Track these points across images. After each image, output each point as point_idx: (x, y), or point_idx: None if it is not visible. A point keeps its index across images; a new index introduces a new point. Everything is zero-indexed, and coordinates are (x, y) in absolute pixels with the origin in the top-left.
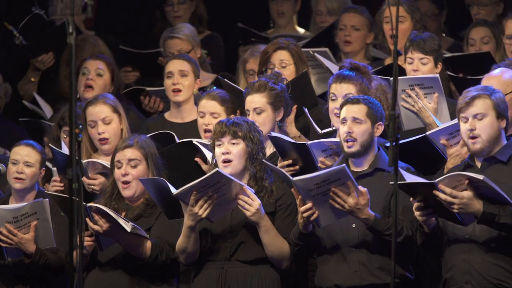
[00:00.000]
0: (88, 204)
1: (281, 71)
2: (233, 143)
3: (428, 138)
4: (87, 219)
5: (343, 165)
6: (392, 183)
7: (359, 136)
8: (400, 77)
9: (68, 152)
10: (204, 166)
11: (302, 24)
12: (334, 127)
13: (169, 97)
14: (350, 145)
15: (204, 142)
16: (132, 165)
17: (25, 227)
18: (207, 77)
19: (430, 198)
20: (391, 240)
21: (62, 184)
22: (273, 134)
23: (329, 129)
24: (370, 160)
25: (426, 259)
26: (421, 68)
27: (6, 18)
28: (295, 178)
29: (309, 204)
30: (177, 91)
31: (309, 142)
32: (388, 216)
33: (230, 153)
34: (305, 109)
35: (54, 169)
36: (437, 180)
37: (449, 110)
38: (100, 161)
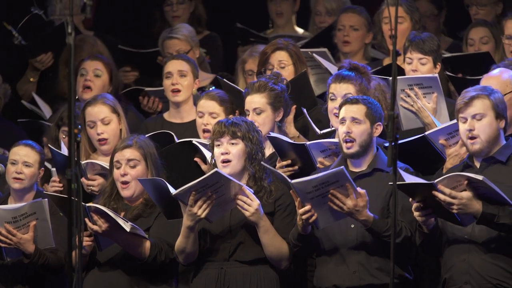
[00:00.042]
0: (87, 204)
1: (280, 72)
2: (232, 143)
3: (427, 138)
4: (86, 219)
5: (342, 167)
6: (391, 183)
7: (358, 136)
8: (399, 77)
9: (67, 153)
10: (204, 166)
11: (301, 24)
12: (333, 128)
13: (168, 97)
14: (349, 146)
15: (204, 142)
16: (131, 165)
17: (24, 227)
18: (206, 77)
19: (429, 199)
20: (390, 241)
21: (61, 185)
22: (272, 134)
23: (328, 130)
24: (369, 160)
25: (425, 260)
26: (420, 68)
27: (5, 18)
28: (294, 181)
29: (307, 207)
30: (176, 91)
31: (308, 143)
32: (387, 217)
33: (229, 153)
34: (304, 110)
35: (53, 169)
36: (436, 180)
37: (448, 110)
38: (99, 162)
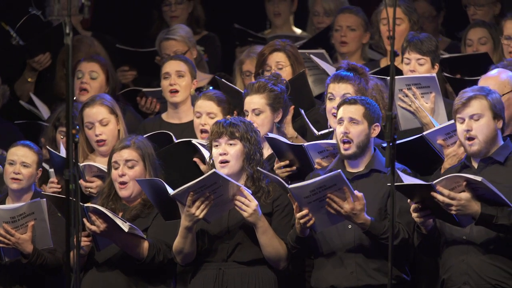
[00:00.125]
0: (85, 205)
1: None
2: (230, 144)
3: (425, 138)
4: (84, 220)
5: (339, 170)
6: (389, 184)
7: (356, 137)
8: (397, 77)
9: (65, 153)
10: (203, 166)
11: (299, 25)
12: (331, 129)
13: (166, 97)
14: (346, 147)
15: (203, 142)
16: (129, 165)
17: (22, 227)
18: (203, 78)
19: (427, 200)
20: (387, 244)
21: (59, 186)
22: (270, 135)
23: (325, 131)
24: (366, 161)
25: (423, 260)
26: (418, 68)
27: (3, 18)
28: (291, 186)
29: (305, 211)
30: (174, 92)
31: (306, 144)
32: (384, 218)
33: (227, 154)
34: (302, 111)
35: (51, 170)
36: (435, 181)
37: (446, 110)
38: (96, 164)
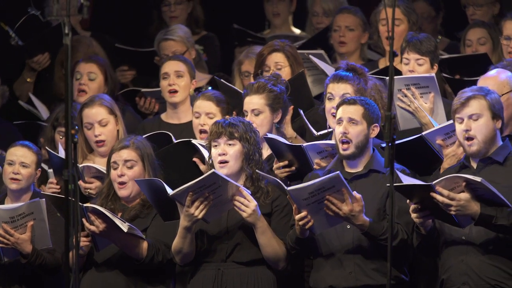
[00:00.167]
0: (84, 205)
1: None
2: (230, 144)
3: (424, 138)
4: (84, 220)
5: (337, 172)
6: (388, 184)
7: (354, 137)
8: (396, 77)
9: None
10: (202, 166)
11: (298, 25)
12: (329, 129)
13: (166, 98)
14: (345, 147)
15: (202, 142)
16: (128, 166)
17: (21, 227)
18: (202, 78)
19: (427, 200)
20: (386, 245)
21: (58, 186)
22: (269, 135)
23: (324, 131)
24: (365, 161)
25: (422, 261)
26: (417, 69)
27: (2, 18)
28: (289, 188)
29: (304, 213)
30: (173, 92)
31: (305, 144)
32: (383, 218)
33: (226, 154)
34: (301, 111)
35: (50, 171)
36: (434, 182)
37: (445, 110)
38: (95, 165)
